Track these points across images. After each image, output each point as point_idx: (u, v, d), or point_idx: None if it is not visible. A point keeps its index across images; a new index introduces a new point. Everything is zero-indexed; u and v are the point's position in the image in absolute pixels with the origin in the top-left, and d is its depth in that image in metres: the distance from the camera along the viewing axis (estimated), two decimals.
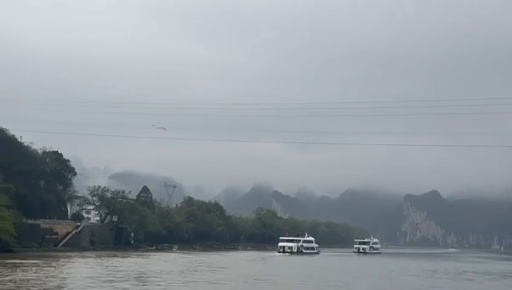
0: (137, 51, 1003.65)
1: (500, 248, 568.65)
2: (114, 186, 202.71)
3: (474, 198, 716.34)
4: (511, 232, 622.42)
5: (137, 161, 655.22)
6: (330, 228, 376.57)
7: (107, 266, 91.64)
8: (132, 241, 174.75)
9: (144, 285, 62.57)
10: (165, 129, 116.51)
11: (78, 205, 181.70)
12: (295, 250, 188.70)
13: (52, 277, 67.43)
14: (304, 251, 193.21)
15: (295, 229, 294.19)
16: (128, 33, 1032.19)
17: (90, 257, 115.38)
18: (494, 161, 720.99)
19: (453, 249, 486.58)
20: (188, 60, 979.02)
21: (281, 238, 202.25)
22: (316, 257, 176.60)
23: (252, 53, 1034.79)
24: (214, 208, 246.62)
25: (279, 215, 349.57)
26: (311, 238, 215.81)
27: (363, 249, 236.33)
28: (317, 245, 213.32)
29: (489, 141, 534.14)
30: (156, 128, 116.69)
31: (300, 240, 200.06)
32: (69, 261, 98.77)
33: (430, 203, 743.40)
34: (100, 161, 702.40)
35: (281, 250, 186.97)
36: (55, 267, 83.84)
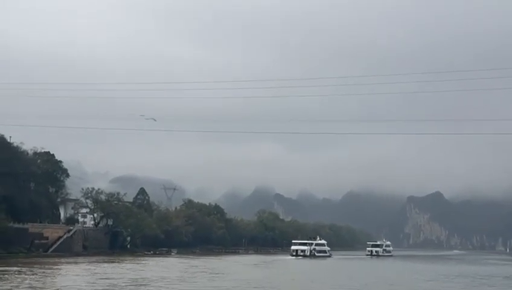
0: (128, 51, 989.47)
1: (506, 249, 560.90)
2: (115, 190, 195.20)
3: (478, 199, 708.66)
4: None
5: (139, 165, 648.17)
6: (333, 230, 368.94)
7: (96, 273, 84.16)
8: (128, 246, 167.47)
9: None
10: (155, 120, 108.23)
11: (72, 208, 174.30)
12: (308, 253, 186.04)
13: (30, 287, 59.96)
14: (316, 254, 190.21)
15: (298, 232, 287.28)
16: (119, 33, 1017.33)
17: (81, 262, 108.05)
18: (497, 161, 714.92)
19: (457, 251, 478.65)
20: (185, 62, 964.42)
21: (293, 241, 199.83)
22: (328, 260, 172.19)
23: (248, 54, 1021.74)
24: (214, 211, 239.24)
25: (281, 218, 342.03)
26: (323, 241, 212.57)
27: (376, 251, 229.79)
28: (329, 248, 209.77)
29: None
30: (145, 119, 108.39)
31: (312, 243, 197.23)
32: (56, 268, 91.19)
33: (434, 204, 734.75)
34: (101, 165, 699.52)
35: (294, 253, 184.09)
36: (38, 275, 76.24)
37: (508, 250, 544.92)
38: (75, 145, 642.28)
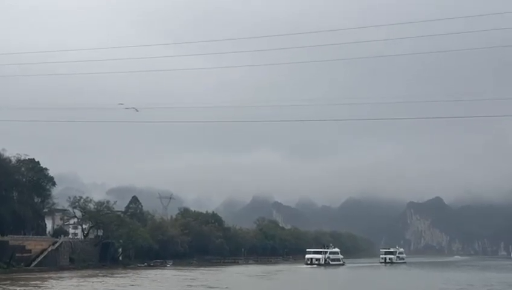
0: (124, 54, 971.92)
1: (509, 254, 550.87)
2: (111, 201, 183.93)
3: (479, 204, 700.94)
4: None
5: (136, 176, 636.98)
6: (334, 237, 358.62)
7: (80, 289, 74.09)
8: (120, 258, 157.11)
9: None
10: (137, 111, 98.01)
11: (61, 219, 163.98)
12: (322, 262, 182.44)
13: None
14: (330, 262, 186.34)
15: (299, 240, 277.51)
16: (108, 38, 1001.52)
17: (65, 277, 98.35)
18: (497, 164, 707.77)
19: (458, 257, 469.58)
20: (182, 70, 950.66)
21: (307, 250, 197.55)
22: (344, 269, 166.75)
23: (243, 60, 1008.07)
24: (212, 219, 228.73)
25: (280, 226, 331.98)
26: (336, 249, 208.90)
27: (389, 259, 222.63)
28: (342, 256, 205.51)
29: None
30: (125, 108, 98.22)
31: (327, 252, 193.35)
32: (34, 285, 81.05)
33: (434, 210, 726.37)
34: (98, 177, 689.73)
35: (309, 262, 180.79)
36: None
37: (511, 255, 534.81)
38: (72, 157, 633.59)
